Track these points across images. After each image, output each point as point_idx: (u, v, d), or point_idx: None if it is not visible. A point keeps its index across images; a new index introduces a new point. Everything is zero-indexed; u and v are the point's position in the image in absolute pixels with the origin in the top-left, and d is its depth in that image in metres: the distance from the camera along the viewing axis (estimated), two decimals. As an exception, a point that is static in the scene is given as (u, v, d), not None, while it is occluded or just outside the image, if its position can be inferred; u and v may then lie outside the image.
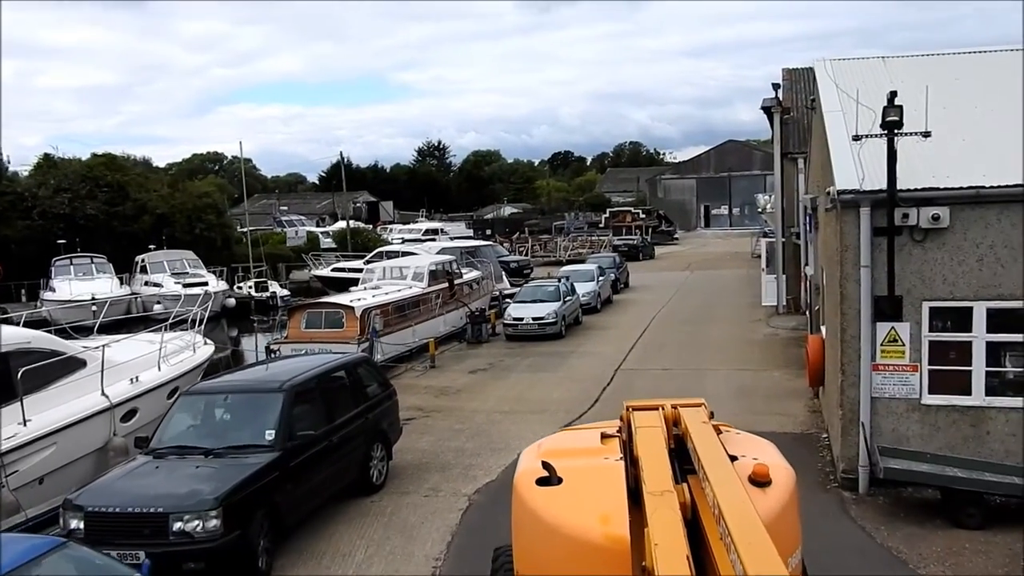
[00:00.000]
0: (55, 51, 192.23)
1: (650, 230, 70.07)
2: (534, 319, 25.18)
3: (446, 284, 29.11)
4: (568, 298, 26.72)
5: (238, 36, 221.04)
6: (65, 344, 13.84)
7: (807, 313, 25.09)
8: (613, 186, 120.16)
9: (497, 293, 34.42)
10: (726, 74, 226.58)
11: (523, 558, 5.58)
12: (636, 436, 5.74)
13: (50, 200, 43.24)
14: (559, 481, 5.39)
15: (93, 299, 33.92)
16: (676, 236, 74.25)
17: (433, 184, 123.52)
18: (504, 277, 39.54)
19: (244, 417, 10.33)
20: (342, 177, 62.26)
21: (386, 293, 25.84)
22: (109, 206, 45.20)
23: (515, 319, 25.47)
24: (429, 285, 27.60)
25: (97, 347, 13.89)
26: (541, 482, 5.45)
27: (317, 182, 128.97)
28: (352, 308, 23.18)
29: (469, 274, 32.80)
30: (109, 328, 20.61)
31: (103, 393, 13.55)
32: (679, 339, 24.51)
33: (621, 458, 5.73)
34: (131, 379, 14.40)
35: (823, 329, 14.88)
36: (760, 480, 5.39)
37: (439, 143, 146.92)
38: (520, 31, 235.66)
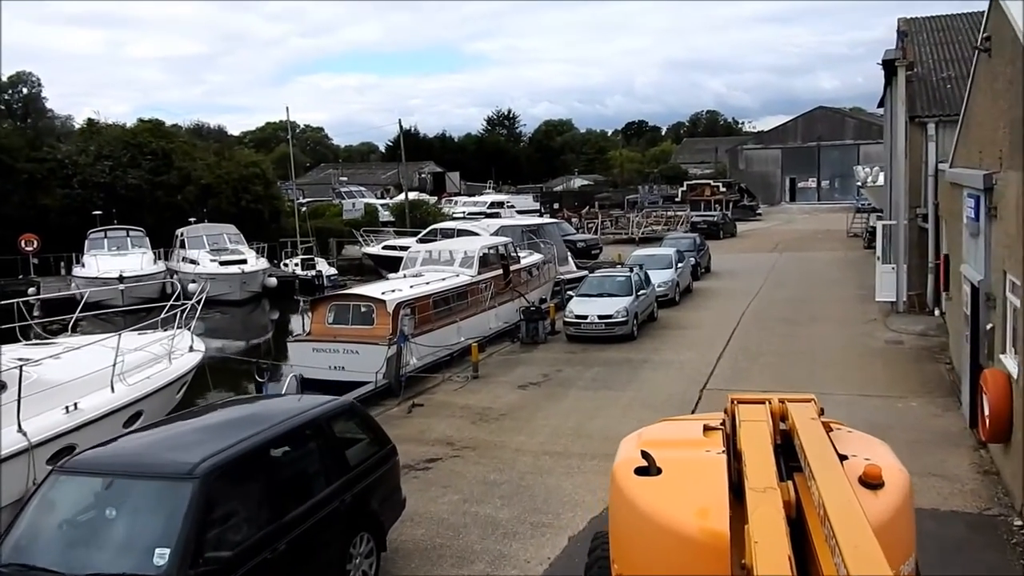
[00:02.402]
0: (143, 21, 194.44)
1: (731, 205, 64.64)
2: (600, 317, 21.06)
3: (500, 271, 25.28)
4: (642, 292, 22.47)
5: (317, 6, 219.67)
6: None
7: (942, 316, 20.40)
8: (690, 157, 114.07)
9: (560, 278, 30.47)
10: (808, 40, 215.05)
11: (619, 547, 5.52)
12: (740, 430, 5.55)
13: (91, 168, 40.89)
14: (658, 472, 5.26)
15: (120, 277, 31.35)
16: (759, 211, 68.51)
17: (502, 154, 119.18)
18: (570, 258, 35.49)
19: (130, 520, 6.67)
20: (400, 146, 58.45)
21: (427, 283, 22.13)
22: (153, 175, 42.69)
23: (578, 317, 21.39)
24: (479, 272, 23.78)
25: (19, 365, 10.48)
26: (640, 472, 5.32)
27: (384, 152, 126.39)
28: (384, 302, 19.56)
29: (529, 258, 28.87)
30: (136, 310, 17.25)
31: (20, 429, 10.22)
32: (777, 345, 20.09)
33: (723, 451, 5.57)
34: (67, 407, 11.04)
35: (1008, 362, 10.48)
36: (872, 482, 5.18)
37: (509, 112, 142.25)
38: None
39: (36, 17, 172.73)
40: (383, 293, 20.22)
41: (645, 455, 5.42)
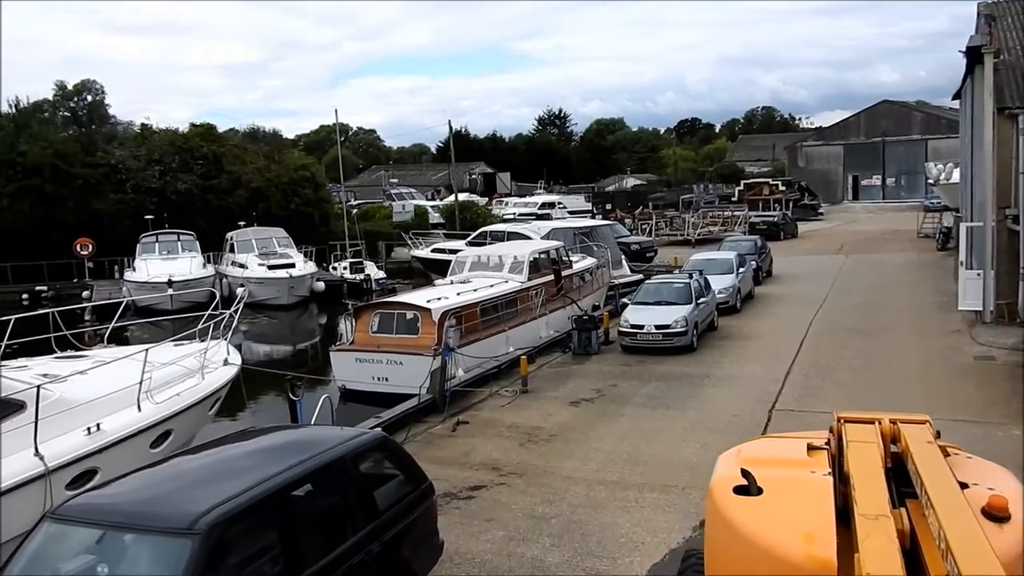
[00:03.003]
0: (201, 29, 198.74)
1: (791, 204, 62.33)
2: (657, 327, 19.80)
3: (551, 276, 24.20)
4: (701, 299, 21.13)
5: (367, 11, 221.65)
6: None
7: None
8: (745, 155, 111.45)
9: (614, 283, 29.26)
10: (865, 33, 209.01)
11: (714, 568, 5.25)
12: (848, 451, 5.30)
13: (143, 173, 41.03)
14: (759, 491, 4.96)
15: (170, 281, 31.12)
16: (821, 211, 66.00)
17: (553, 154, 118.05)
18: (623, 262, 34.21)
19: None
20: (450, 147, 57.74)
21: (475, 289, 21.17)
22: (204, 179, 42.67)
23: (633, 327, 20.15)
24: (530, 278, 22.74)
25: (36, 385, 9.77)
26: (739, 491, 5.02)
27: (435, 153, 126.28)
28: (429, 310, 18.65)
29: (581, 262, 27.71)
30: (183, 316, 16.61)
31: (36, 452, 9.53)
32: (850, 359, 18.60)
33: (829, 473, 5.22)
34: (89, 428, 10.33)
35: None
36: (997, 514, 4.72)
37: (560, 111, 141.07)
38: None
39: (101, 26, 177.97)
40: (428, 301, 19.33)
41: (745, 473, 5.12)
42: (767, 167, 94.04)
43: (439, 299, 19.56)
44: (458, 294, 20.42)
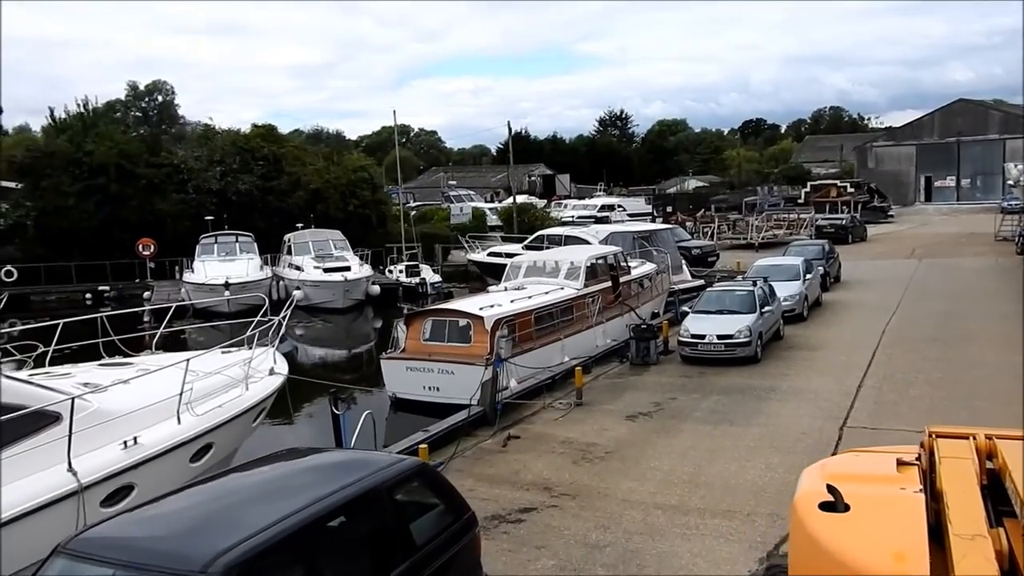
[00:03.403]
0: (269, 31, 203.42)
1: (860, 206, 60.17)
2: (720, 337, 18.91)
3: (609, 283, 23.48)
4: (766, 308, 20.16)
5: (430, 11, 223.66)
6: (30, 392, 9.60)
7: None
8: (812, 156, 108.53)
9: (674, 289, 28.37)
10: (939, 30, 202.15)
11: None
12: (940, 467, 5.05)
13: (203, 173, 41.55)
14: (846, 508, 4.70)
15: (226, 283, 31.30)
16: (891, 213, 63.62)
17: (613, 155, 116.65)
18: (684, 267, 33.25)
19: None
20: (509, 149, 57.33)
21: (529, 296, 20.58)
22: (264, 180, 43.02)
23: (694, 336, 19.30)
24: (586, 285, 22.05)
25: (71, 396, 9.52)
26: (825, 507, 4.74)
27: (495, 154, 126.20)
28: (481, 318, 18.14)
29: (640, 268, 26.92)
30: (241, 315, 16.42)
31: (70, 468, 9.27)
32: (928, 372, 17.46)
33: (921, 490, 4.92)
34: (125, 442, 10.05)
35: None
36: None
37: (621, 112, 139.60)
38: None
39: (173, 28, 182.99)
40: (481, 308, 18.82)
41: (832, 489, 4.88)
42: (835, 168, 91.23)
43: (492, 306, 19.03)
44: (512, 301, 19.87)
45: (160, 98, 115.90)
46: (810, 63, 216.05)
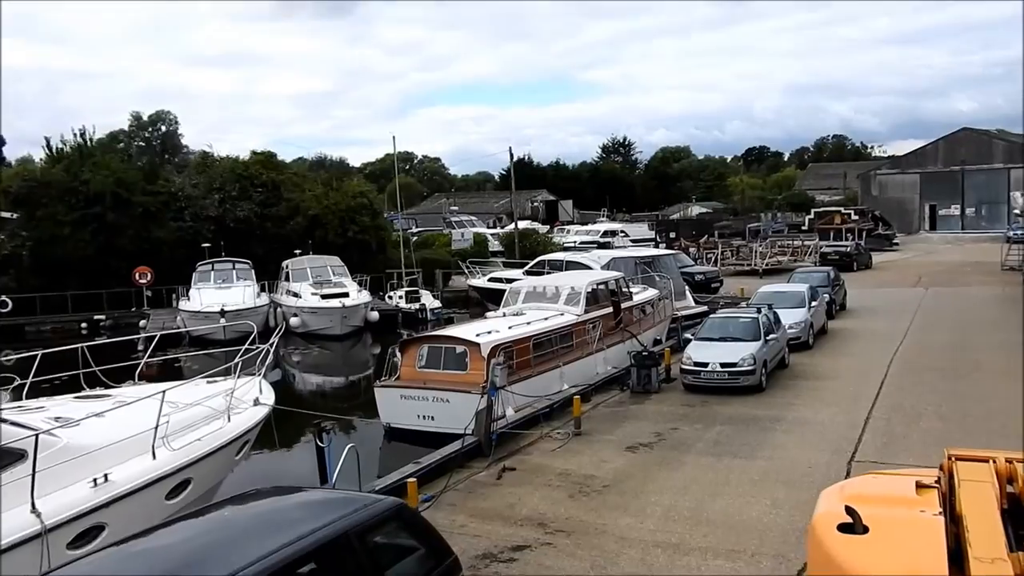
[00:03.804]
0: (274, 60, 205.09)
1: (864, 234, 59.79)
2: (723, 366, 18.39)
3: (610, 308, 23.01)
4: (771, 336, 19.65)
5: (435, 40, 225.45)
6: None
7: None
8: (815, 183, 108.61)
9: (677, 315, 27.86)
10: (940, 61, 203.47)
11: None
12: (960, 490, 5.01)
13: (202, 200, 41.30)
14: (864, 530, 4.72)
15: (222, 311, 30.86)
16: (896, 241, 63.21)
17: (616, 182, 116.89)
18: (687, 293, 32.75)
19: None
20: (511, 174, 57.14)
21: (528, 322, 20.12)
22: (262, 207, 42.75)
23: (697, 364, 18.78)
24: (587, 311, 21.59)
25: (35, 432, 9.00)
26: (844, 528, 4.76)
27: (498, 180, 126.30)
28: (478, 345, 17.67)
29: (642, 293, 26.46)
30: (237, 342, 15.79)
31: (33, 508, 8.75)
32: (937, 404, 16.90)
33: (940, 513, 4.91)
34: (95, 479, 9.53)
35: None
36: None
37: (624, 139, 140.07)
38: (709, 25, 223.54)
39: (173, 58, 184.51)
40: (478, 334, 18.35)
41: (850, 511, 4.88)
42: (838, 196, 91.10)
43: (489, 332, 18.57)
44: (510, 327, 19.40)
45: (164, 128, 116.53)
46: (813, 92, 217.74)
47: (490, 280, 37.59)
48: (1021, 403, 16.40)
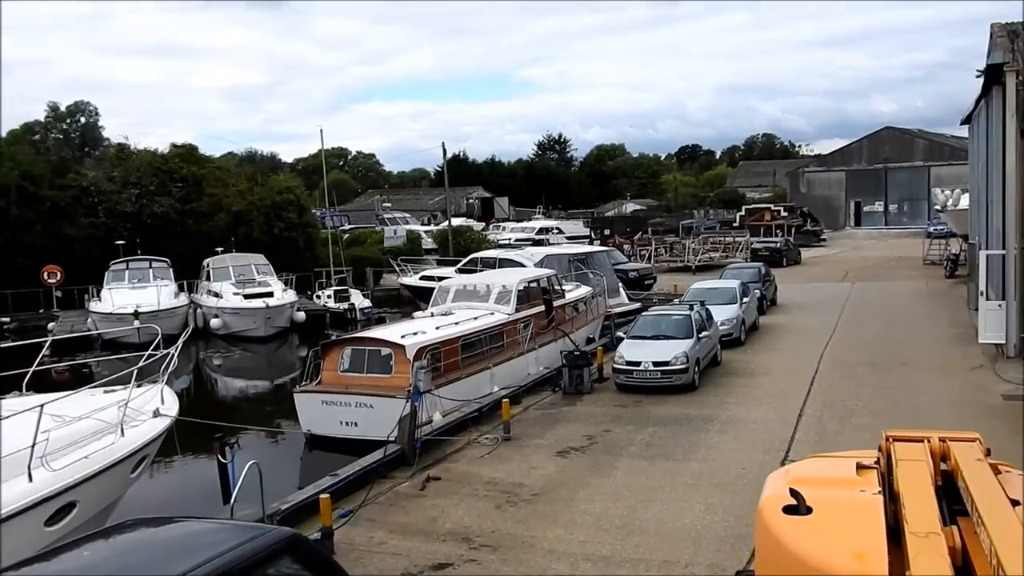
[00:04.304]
0: (204, 52, 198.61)
1: (793, 230, 60.81)
2: (656, 364, 18.00)
3: (542, 307, 22.47)
4: (703, 333, 19.37)
5: (372, 35, 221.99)
6: None
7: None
8: (746, 181, 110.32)
9: (611, 312, 27.50)
10: (864, 64, 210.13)
11: None
12: (897, 469, 5.28)
13: (117, 196, 39.30)
14: (808, 511, 4.89)
15: (136, 312, 29.31)
16: (823, 237, 64.50)
17: (552, 179, 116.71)
18: (621, 290, 32.45)
19: None
20: (444, 171, 56.28)
21: (456, 322, 19.42)
22: (183, 203, 40.95)
23: (629, 363, 18.35)
24: (517, 310, 21.00)
25: None
26: (789, 510, 4.94)
27: (433, 177, 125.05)
28: (403, 347, 16.89)
29: (575, 291, 26.00)
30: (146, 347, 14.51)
31: None
32: (868, 399, 16.82)
33: (879, 492, 5.12)
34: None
35: None
36: None
37: (560, 136, 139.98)
38: (645, 25, 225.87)
39: (98, 48, 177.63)
40: (403, 336, 17.57)
41: (795, 493, 5.04)
42: (768, 193, 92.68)
43: (415, 333, 17.81)
44: (437, 328, 18.68)
45: (83, 119, 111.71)
46: (744, 92, 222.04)
47: (422, 279, 36.70)
48: (945, 398, 16.52)
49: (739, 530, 10.42)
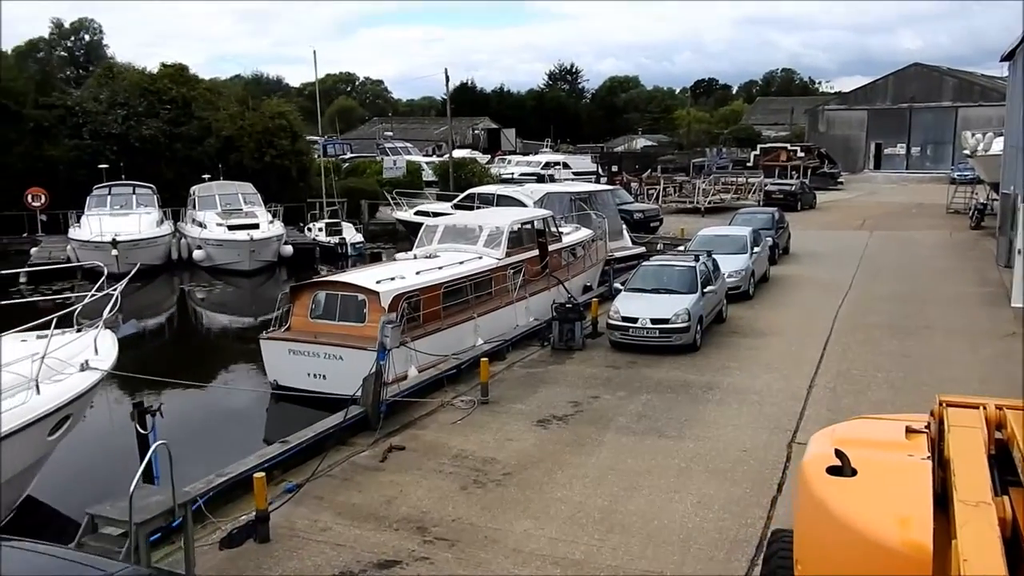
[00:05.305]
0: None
1: (809, 172, 58.47)
2: (654, 322, 16.44)
3: (535, 251, 20.86)
4: (708, 287, 17.74)
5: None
6: None
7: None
8: (763, 118, 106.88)
9: (612, 257, 25.89)
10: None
11: (804, 549, 5.19)
12: (949, 435, 5.10)
13: (103, 117, 37.35)
14: (853, 472, 4.81)
15: (114, 241, 27.84)
16: (840, 180, 62.08)
17: (562, 111, 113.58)
18: (624, 232, 30.74)
19: None
20: (447, 100, 53.87)
21: (439, 267, 17.82)
22: (172, 125, 38.96)
23: (625, 319, 16.78)
24: (508, 254, 19.40)
25: None
26: (833, 471, 4.87)
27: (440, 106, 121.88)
28: (377, 294, 15.38)
29: (574, 234, 24.29)
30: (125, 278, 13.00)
31: None
32: (888, 369, 15.27)
33: (928, 457, 5.05)
34: None
35: None
36: None
37: (572, 66, 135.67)
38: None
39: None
40: (379, 281, 16.01)
41: (839, 454, 4.83)
42: (785, 131, 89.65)
43: (393, 279, 16.24)
44: (418, 272, 17.10)
45: (87, 37, 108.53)
46: (764, 25, 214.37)
47: (416, 213, 34.97)
48: (975, 371, 14.98)
49: (736, 532, 9.02)
